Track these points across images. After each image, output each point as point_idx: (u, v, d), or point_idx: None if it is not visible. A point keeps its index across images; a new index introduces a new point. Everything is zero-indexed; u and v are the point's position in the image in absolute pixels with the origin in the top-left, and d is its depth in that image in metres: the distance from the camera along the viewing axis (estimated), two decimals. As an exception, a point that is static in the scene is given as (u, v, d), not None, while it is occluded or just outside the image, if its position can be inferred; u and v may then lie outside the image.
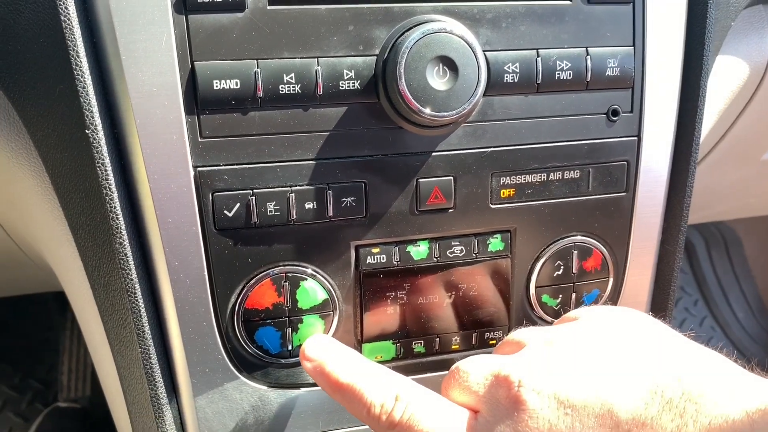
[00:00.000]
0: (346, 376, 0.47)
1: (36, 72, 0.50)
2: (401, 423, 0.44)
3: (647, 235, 0.61)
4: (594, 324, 0.45)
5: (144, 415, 0.56)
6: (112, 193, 0.49)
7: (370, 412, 0.45)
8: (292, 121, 0.50)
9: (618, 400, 0.39)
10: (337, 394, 0.48)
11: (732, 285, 1.79)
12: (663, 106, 0.58)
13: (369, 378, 0.47)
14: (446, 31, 0.49)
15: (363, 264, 0.55)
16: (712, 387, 0.38)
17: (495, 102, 0.54)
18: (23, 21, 0.49)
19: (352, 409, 0.47)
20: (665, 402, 0.38)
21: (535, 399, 0.40)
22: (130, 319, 0.52)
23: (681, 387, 0.38)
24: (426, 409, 0.44)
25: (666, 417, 0.38)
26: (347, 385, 0.47)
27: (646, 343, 0.42)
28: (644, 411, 0.38)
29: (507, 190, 0.56)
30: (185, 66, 0.48)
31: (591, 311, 0.48)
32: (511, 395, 0.41)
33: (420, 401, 0.44)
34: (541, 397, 0.40)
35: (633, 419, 0.38)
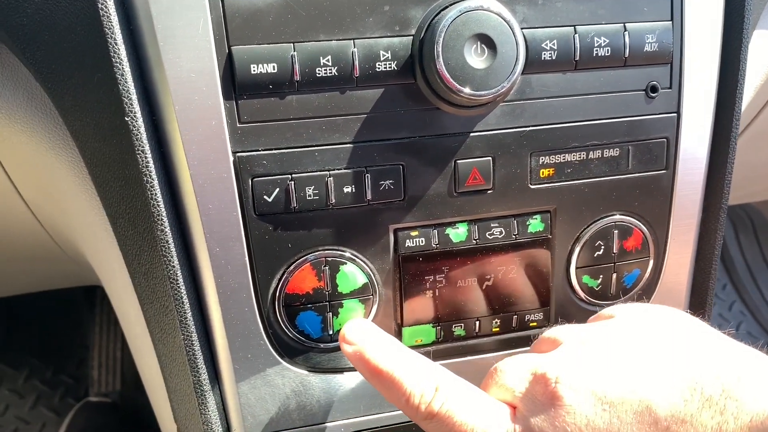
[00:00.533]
0: (385, 362, 0.47)
1: (73, 61, 0.50)
2: (439, 414, 0.44)
3: (688, 214, 0.60)
4: (629, 322, 0.45)
5: (187, 402, 0.56)
6: (153, 180, 0.49)
7: (409, 401, 0.45)
8: (329, 104, 0.50)
9: (656, 396, 0.39)
10: (376, 380, 0.48)
11: (761, 268, 1.77)
12: (702, 81, 0.57)
13: (409, 366, 0.46)
14: (483, 8, 0.49)
15: (402, 247, 0.54)
16: (751, 384, 0.38)
17: (533, 80, 0.53)
18: (60, 11, 0.49)
19: (389, 396, 0.47)
20: (705, 399, 0.38)
21: (572, 395, 0.40)
22: (173, 306, 0.52)
23: (721, 384, 0.38)
24: (465, 402, 0.44)
25: (706, 414, 0.38)
26: (386, 372, 0.47)
27: (683, 341, 0.42)
28: (684, 408, 0.38)
29: (546, 170, 0.55)
30: (222, 51, 0.48)
31: (626, 308, 0.48)
32: (548, 391, 0.41)
33: (459, 394, 0.44)
34: (577, 393, 0.40)
35: (672, 416, 0.38)
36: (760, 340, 1.72)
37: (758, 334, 1.72)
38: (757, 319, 1.74)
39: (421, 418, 0.44)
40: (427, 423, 0.44)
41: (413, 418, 0.45)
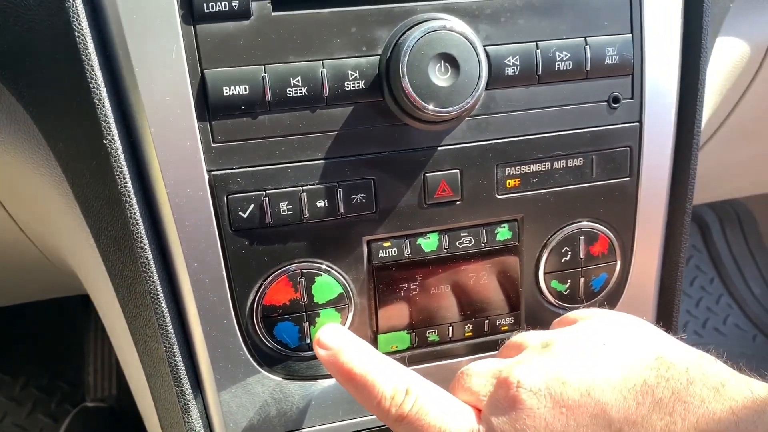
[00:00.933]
0: (358, 367, 0.49)
1: (54, 87, 0.52)
2: (409, 416, 0.46)
3: (652, 219, 0.62)
4: (588, 328, 0.47)
5: (171, 410, 0.58)
6: (131, 200, 0.51)
7: (380, 404, 0.47)
8: (300, 122, 0.52)
9: (610, 399, 0.41)
10: (349, 384, 0.50)
11: (747, 261, 1.79)
12: (663, 91, 0.59)
13: (381, 370, 0.49)
14: (446, 28, 0.51)
15: (375, 258, 0.56)
16: (699, 387, 0.40)
17: (497, 95, 0.55)
18: (38, 38, 0.51)
19: (362, 399, 0.49)
20: (655, 402, 0.40)
21: (533, 399, 0.42)
22: (154, 319, 0.54)
23: (671, 387, 0.40)
24: (433, 405, 0.46)
25: (656, 416, 0.40)
26: (359, 375, 0.49)
27: (638, 346, 0.44)
28: (636, 410, 0.40)
29: (512, 180, 0.57)
30: (195, 74, 0.50)
31: (587, 314, 0.50)
32: (510, 395, 0.43)
33: (428, 397, 0.46)
34: (537, 396, 0.42)
35: (624, 418, 0.40)
36: (748, 332, 1.74)
37: (745, 326, 1.75)
38: (744, 311, 1.76)
39: (392, 420, 0.47)
40: (397, 425, 0.46)
41: (384, 420, 0.47)
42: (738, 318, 1.75)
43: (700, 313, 1.76)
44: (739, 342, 1.72)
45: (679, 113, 0.61)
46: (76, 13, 0.48)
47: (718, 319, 1.75)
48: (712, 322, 1.75)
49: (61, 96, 0.52)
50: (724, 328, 1.74)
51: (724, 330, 1.74)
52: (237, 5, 0.49)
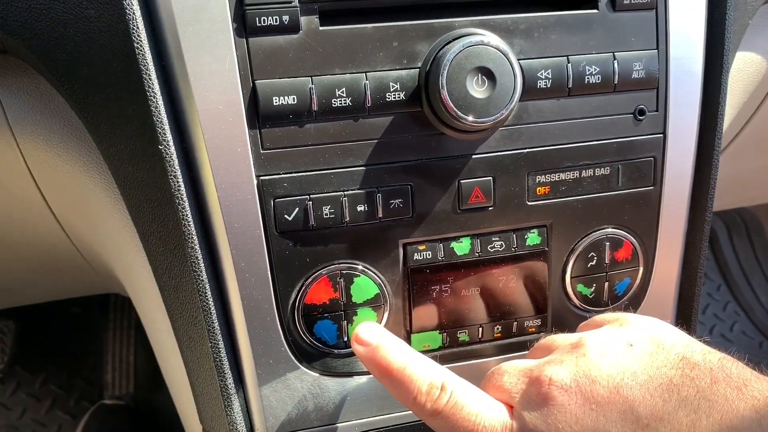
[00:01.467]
0: (395, 362, 0.52)
1: (109, 94, 0.55)
2: (444, 410, 0.48)
3: (674, 226, 0.65)
4: (616, 330, 0.50)
5: (213, 404, 0.60)
6: (184, 203, 0.54)
7: (416, 399, 0.49)
8: (344, 131, 0.55)
9: (638, 397, 0.43)
10: (386, 379, 0.52)
11: (754, 270, 1.81)
12: (686, 104, 0.62)
13: (417, 366, 0.51)
14: (483, 43, 0.53)
15: (410, 260, 0.59)
16: (723, 386, 0.42)
17: (530, 106, 0.58)
18: (96, 47, 0.53)
19: (398, 394, 0.51)
20: (681, 399, 0.42)
21: (563, 395, 0.45)
22: (201, 317, 0.57)
23: (695, 386, 0.43)
24: (468, 399, 0.48)
25: (682, 413, 0.42)
26: (396, 370, 0.51)
27: (663, 347, 0.46)
28: (662, 407, 0.43)
29: (542, 188, 0.60)
30: (247, 84, 0.52)
31: (615, 317, 0.52)
32: (542, 392, 0.46)
33: (463, 393, 0.49)
34: (568, 393, 0.45)
35: (652, 414, 0.43)
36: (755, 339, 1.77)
37: (752, 333, 1.77)
38: (750, 318, 1.78)
39: (428, 414, 0.49)
40: (432, 419, 0.49)
41: (420, 414, 0.50)
42: (745, 325, 1.77)
43: (707, 319, 1.78)
44: (745, 348, 1.74)
45: (701, 125, 0.64)
46: (135, 25, 0.51)
47: (725, 325, 1.78)
48: (719, 329, 1.77)
49: (117, 102, 0.55)
50: (731, 334, 1.77)
51: (730, 336, 1.76)
52: (287, 20, 0.52)
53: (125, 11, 0.51)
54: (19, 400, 1.45)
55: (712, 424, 0.41)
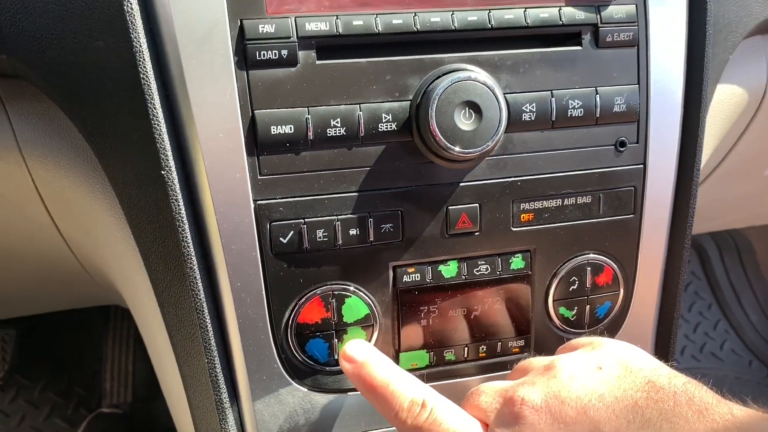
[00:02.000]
0: (380, 379, 0.54)
1: (115, 120, 0.57)
2: (424, 426, 0.51)
3: (653, 252, 0.68)
4: (588, 353, 0.52)
5: (208, 417, 0.63)
6: (184, 225, 0.56)
7: (398, 415, 0.52)
8: (338, 159, 0.58)
9: (603, 418, 0.46)
10: (370, 395, 0.55)
11: (745, 289, 1.84)
12: (666, 136, 0.65)
13: (400, 383, 0.54)
14: (471, 79, 0.56)
15: (400, 282, 0.62)
16: (685, 409, 0.45)
17: (515, 138, 0.61)
18: (104, 76, 0.56)
19: (381, 410, 0.54)
20: (645, 421, 0.45)
21: (534, 415, 0.48)
22: (198, 333, 0.59)
23: (658, 408, 0.45)
24: (446, 416, 0.51)
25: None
26: (380, 387, 0.54)
27: (631, 371, 0.49)
28: (626, 428, 0.45)
29: (526, 215, 0.63)
30: (247, 114, 0.55)
31: (589, 341, 0.55)
32: (514, 411, 0.48)
33: (442, 409, 0.52)
34: (538, 413, 0.48)
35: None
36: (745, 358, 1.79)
37: (742, 351, 1.79)
38: (740, 337, 1.81)
39: (408, 429, 0.52)
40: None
41: (401, 429, 0.52)
42: (735, 343, 1.80)
43: (697, 338, 1.81)
44: (735, 367, 1.76)
45: (681, 157, 0.67)
46: (141, 57, 0.54)
47: (715, 344, 1.80)
48: (709, 347, 1.79)
49: (122, 129, 0.57)
50: (721, 353, 1.79)
51: (720, 355, 1.78)
52: (286, 54, 0.55)
53: (132, 43, 0.54)
54: (18, 407, 1.47)
55: None
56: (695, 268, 1.85)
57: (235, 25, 0.54)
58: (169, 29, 0.54)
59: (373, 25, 0.56)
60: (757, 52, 0.81)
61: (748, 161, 0.94)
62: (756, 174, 0.98)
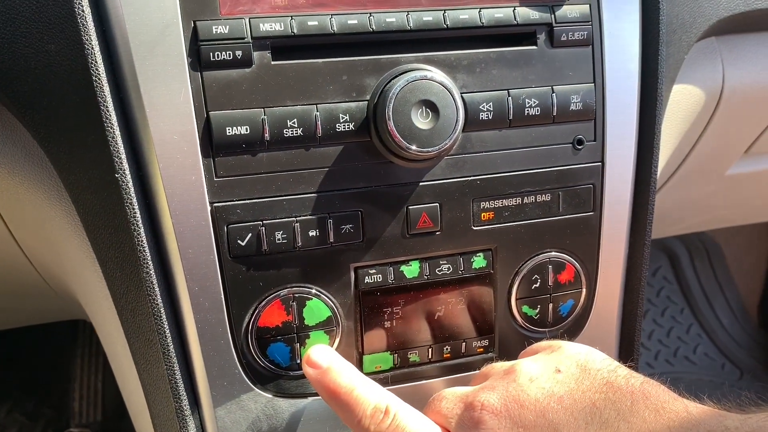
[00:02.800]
0: (343, 386, 0.54)
1: (68, 124, 0.57)
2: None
3: (615, 250, 0.68)
4: (547, 357, 0.53)
5: (169, 426, 0.62)
6: (139, 229, 0.56)
7: (361, 423, 0.52)
8: (295, 159, 0.57)
9: (562, 420, 0.46)
10: (333, 402, 0.54)
11: (716, 292, 1.86)
12: (623, 134, 0.66)
13: (363, 390, 0.53)
14: (427, 78, 0.57)
15: (361, 283, 0.61)
16: (642, 408, 0.45)
17: (473, 137, 0.61)
18: (57, 80, 0.56)
19: (344, 417, 0.54)
20: (602, 422, 0.45)
21: (493, 420, 0.48)
22: (156, 339, 0.58)
23: (616, 408, 0.46)
24: (408, 423, 0.51)
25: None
26: (344, 394, 0.54)
27: (589, 373, 0.50)
28: (584, 429, 0.46)
29: (487, 214, 0.63)
30: (201, 115, 0.55)
31: (549, 344, 0.55)
32: (474, 417, 0.49)
33: (405, 416, 0.51)
34: (498, 418, 0.48)
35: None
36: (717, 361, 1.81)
37: (714, 355, 1.81)
38: (713, 340, 1.82)
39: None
40: None
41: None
42: (707, 347, 1.81)
43: (671, 342, 1.82)
44: (708, 370, 1.78)
45: (639, 154, 0.67)
46: (94, 60, 0.53)
47: (688, 348, 1.82)
48: (682, 351, 1.81)
49: (76, 132, 0.57)
50: (694, 356, 1.80)
51: (694, 359, 1.80)
52: (240, 55, 0.55)
53: (84, 45, 0.53)
54: (-17, 429, 1.43)
55: None
56: (666, 272, 1.87)
57: (189, 26, 0.54)
58: (122, 31, 0.54)
59: (328, 26, 0.56)
60: (713, 53, 0.83)
61: (709, 162, 0.96)
62: (717, 175, 0.99)
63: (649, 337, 1.80)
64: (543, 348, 0.55)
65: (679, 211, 1.08)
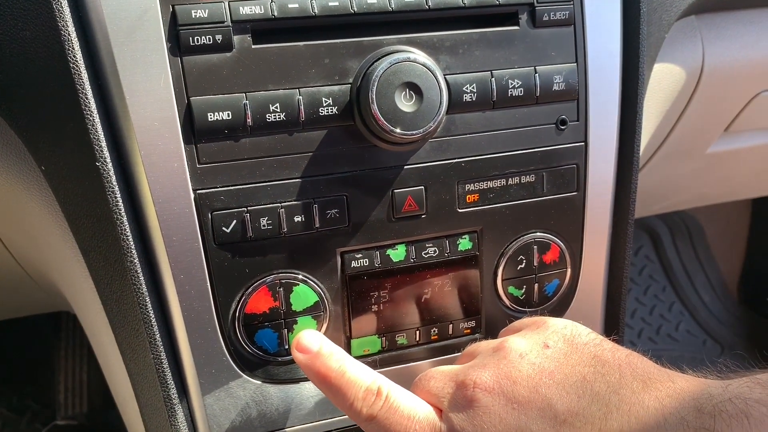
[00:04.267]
0: (333, 370, 0.54)
1: (47, 113, 0.56)
2: (379, 415, 0.51)
3: (599, 229, 0.68)
4: (534, 333, 0.53)
5: (157, 415, 0.62)
6: (122, 218, 0.55)
7: (353, 406, 0.52)
8: (279, 144, 0.57)
9: (555, 395, 0.47)
10: (324, 386, 0.55)
11: (697, 271, 1.89)
12: (606, 114, 0.66)
13: (354, 373, 0.53)
14: (410, 60, 0.56)
15: (348, 268, 0.61)
16: (630, 380, 0.46)
17: (457, 119, 0.61)
18: (34, 68, 0.54)
19: (336, 400, 0.54)
20: (594, 394, 0.46)
21: (487, 397, 0.48)
22: (142, 329, 0.58)
23: (606, 381, 0.47)
24: (401, 404, 0.51)
25: (595, 407, 0.46)
26: (334, 378, 0.54)
27: (576, 348, 0.50)
28: (577, 403, 0.46)
29: (472, 196, 0.63)
30: (182, 101, 0.54)
31: (533, 321, 0.56)
32: (467, 395, 0.49)
33: (397, 397, 0.51)
34: (492, 395, 0.48)
35: (568, 410, 0.46)
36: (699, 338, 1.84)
37: (696, 332, 1.84)
38: (695, 317, 1.85)
39: (363, 419, 0.51)
40: (367, 424, 0.51)
41: (356, 419, 0.52)
42: (689, 324, 1.84)
43: (654, 320, 1.85)
44: (690, 347, 1.81)
45: (621, 133, 0.68)
46: (70, 46, 0.52)
47: (670, 325, 1.84)
48: (665, 329, 1.83)
49: (55, 121, 0.56)
50: (677, 334, 1.83)
51: (676, 336, 1.83)
52: (220, 39, 0.54)
53: (60, 32, 0.52)
54: (-33, 424, 1.42)
55: (621, 416, 0.45)
56: (648, 251, 1.89)
57: (167, 11, 0.53)
58: (99, 16, 0.53)
59: (309, 8, 0.55)
60: (693, 32, 0.83)
61: (690, 140, 0.96)
62: (698, 153, 1.00)
63: (632, 316, 1.83)
64: (527, 324, 0.56)
65: (661, 189, 1.09)
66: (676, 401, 0.44)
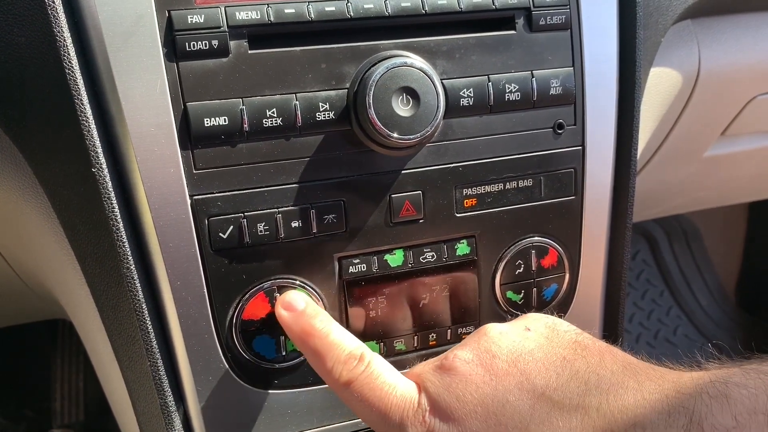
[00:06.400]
0: (318, 329, 0.54)
1: (42, 119, 0.55)
2: (359, 379, 0.50)
3: (597, 234, 0.68)
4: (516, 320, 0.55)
5: (154, 423, 0.61)
6: (118, 224, 0.55)
7: (333, 368, 0.52)
8: (276, 150, 0.57)
9: (534, 370, 0.48)
10: (306, 346, 0.54)
11: (694, 275, 1.89)
12: (603, 118, 0.66)
13: (338, 335, 0.53)
14: (407, 64, 0.56)
15: (345, 273, 0.61)
16: (610, 362, 0.47)
17: (454, 123, 0.61)
18: (28, 73, 0.54)
19: (316, 362, 0.53)
20: (574, 372, 0.47)
21: (465, 366, 0.49)
22: (139, 336, 0.57)
23: (586, 361, 0.48)
24: (382, 371, 0.51)
25: (573, 383, 0.46)
26: (318, 337, 0.53)
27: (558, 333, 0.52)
28: (556, 379, 0.47)
29: (469, 200, 0.63)
30: (178, 107, 0.54)
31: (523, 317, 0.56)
32: (446, 365, 0.50)
33: (380, 364, 0.52)
34: (470, 365, 0.49)
35: (547, 385, 0.47)
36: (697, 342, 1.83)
37: (694, 336, 1.84)
38: (692, 322, 1.85)
39: (342, 383, 0.51)
40: (345, 390, 0.51)
41: (333, 385, 0.52)
42: (687, 328, 1.84)
43: (651, 324, 1.85)
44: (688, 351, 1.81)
45: (618, 137, 0.68)
46: (66, 52, 0.52)
47: (668, 330, 1.84)
48: (663, 333, 1.83)
49: (50, 127, 0.55)
50: (675, 338, 1.83)
51: (674, 340, 1.82)
52: (216, 44, 0.54)
53: (55, 37, 0.52)
54: (-37, 433, 1.41)
55: (600, 393, 0.45)
56: (645, 255, 1.89)
57: (163, 16, 0.53)
58: (94, 22, 0.53)
59: (306, 13, 0.55)
60: (689, 36, 0.83)
61: (687, 144, 0.96)
62: (695, 157, 1.00)
63: (630, 320, 1.83)
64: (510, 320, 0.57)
65: (658, 193, 1.09)
66: (657, 384, 0.44)
